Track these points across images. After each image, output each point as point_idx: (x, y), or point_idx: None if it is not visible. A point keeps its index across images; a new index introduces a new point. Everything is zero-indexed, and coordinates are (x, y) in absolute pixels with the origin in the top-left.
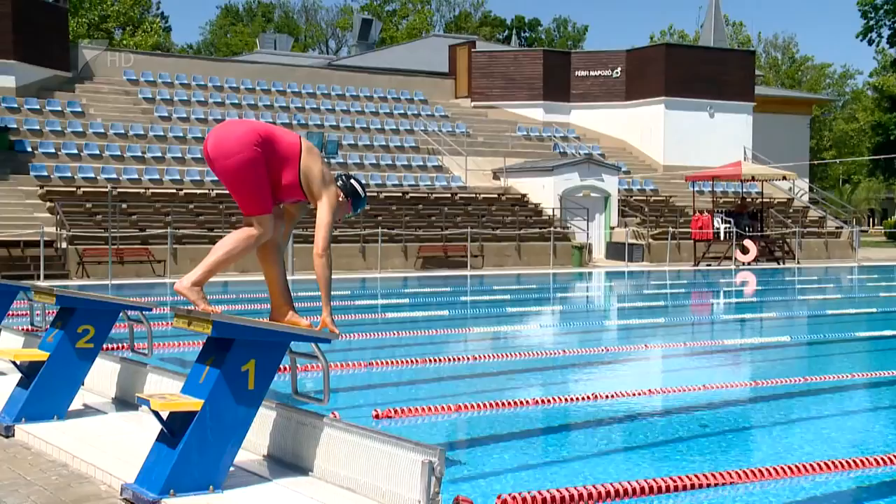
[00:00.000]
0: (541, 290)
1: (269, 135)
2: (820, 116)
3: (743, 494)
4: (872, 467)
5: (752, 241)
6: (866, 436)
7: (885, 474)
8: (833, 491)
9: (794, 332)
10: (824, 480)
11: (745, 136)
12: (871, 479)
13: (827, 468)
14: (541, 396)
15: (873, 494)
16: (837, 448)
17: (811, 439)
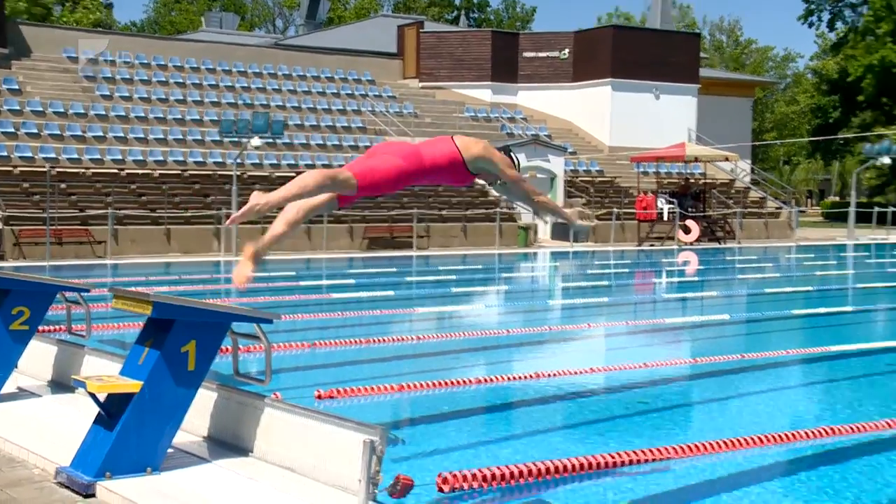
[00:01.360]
0: (486, 271)
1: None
2: (762, 99)
3: (683, 469)
4: (806, 440)
5: (694, 221)
6: (800, 410)
7: (817, 447)
8: (769, 464)
9: (734, 311)
10: (761, 454)
11: (690, 117)
12: (804, 452)
13: (763, 442)
14: (484, 376)
15: (806, 466)
16: (773, 422)
17: (749, 414)
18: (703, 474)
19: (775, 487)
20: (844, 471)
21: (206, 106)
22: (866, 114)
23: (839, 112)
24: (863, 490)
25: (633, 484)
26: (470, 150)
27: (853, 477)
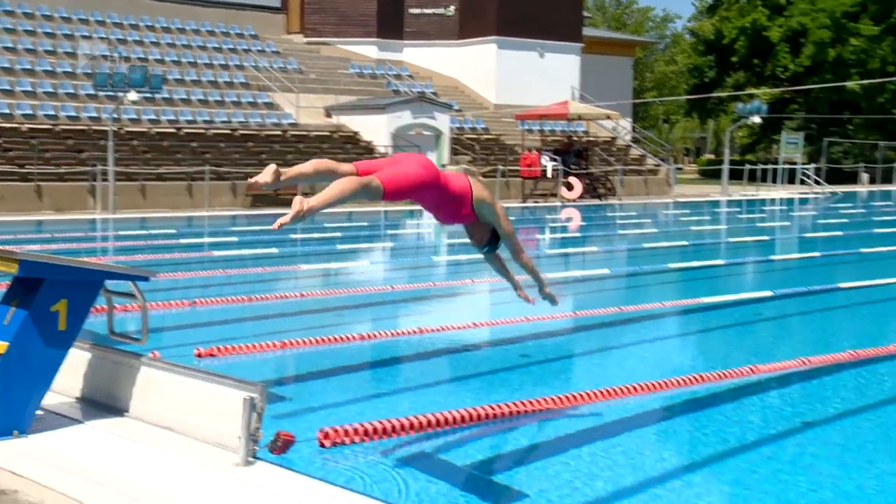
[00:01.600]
0: (372, 228)
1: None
2: (643, 58)
3: (564, 419)
4: (679, 387)
5: (577, 178)
6: (675, 359)
7: (691, 393)
8: (646, 411)
9: (614, 265)
10: (638, 402)
11: (573, 76)
12: (678, 398)
13: (639, 390)
14: (368, 332)
15: (680, 412)
16: (651, 371)
17: (627, 364)
18: (583, 423)
19: (651, 433)
20: (715, 414)
21: (79, 58)
22: (739, 74)
23: (714, 72)
24: (730, 432)
25: (514, 434)
26: (480, 190)
27: (722, 420)
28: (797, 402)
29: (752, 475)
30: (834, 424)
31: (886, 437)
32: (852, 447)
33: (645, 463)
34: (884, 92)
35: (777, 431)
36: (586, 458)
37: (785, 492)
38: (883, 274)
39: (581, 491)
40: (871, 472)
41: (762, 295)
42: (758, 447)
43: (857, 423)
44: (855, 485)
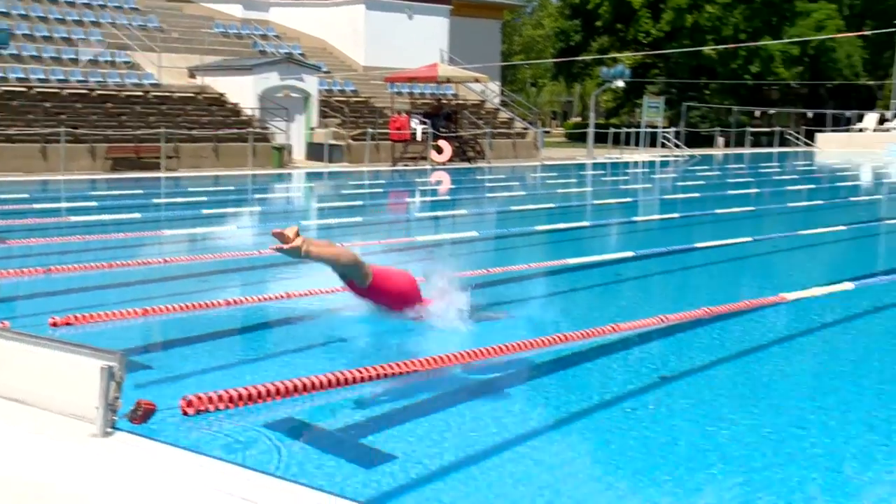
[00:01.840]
0: (239, 192)
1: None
2: (511, 21)
3: (425, 381)
4: (546, 346)
5: (446, 141)
6: (541, 319)
7: (557, 352)
8: (513, 370)
9: (483, 228)
10: (502, 363)
11: (442, 38)
12: (544, 357)
13: (504, 350)
14: (233, 297)
15: (546, 371)
16: (515, 332)
17: (493, 326)
18: (451, 384)
19: (518, 392)
20: (579, 372)
21: None
22: (603, 39)
23: (580, 36)
24: (594, 389)
25: (382, 398)
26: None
27: (586, 377)
28: (656, 358)
29: (616, 430)
30: (690, 379)
31: (737, 389)
32: (706, 400)
33: (512, 422)
34: (736, 58)
35: (638, 387)
36: (455, 419)
37: (645, 444)
38: (736, 233)
39: (450, 451)
40: (722, 423)
41: (624, 255)
42: (620, 402)
43: (711, 377)
44: (708, 437)
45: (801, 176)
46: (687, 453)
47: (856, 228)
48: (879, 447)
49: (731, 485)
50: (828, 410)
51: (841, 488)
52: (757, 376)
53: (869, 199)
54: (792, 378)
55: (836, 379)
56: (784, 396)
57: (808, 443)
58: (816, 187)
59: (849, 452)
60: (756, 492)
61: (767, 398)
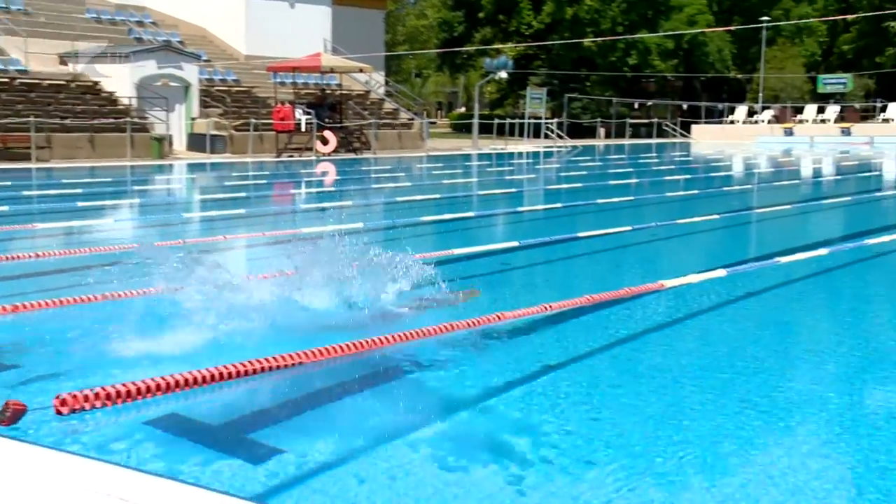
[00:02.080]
0: (117, 184)
1: None
2: (394, 11)
3: (318, 372)
4: (432, 335)
5: (331, 132)
6: (430, 308)
7: (441, 341)
8: (400, 362)
9: (370, 219)
10: (390, 353)
11: (325, 28)
12: (429, 347)
13: (393, 340)
14: (111, 292)
15: (429, 361)
16: (403, 322)
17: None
18: (336, 377)
19: (404, 384)
20: (463, 361)
21: None
22: (486, 30)
23: (463, 27)
24: (479, 377)
25: (268, 391)
26: None
27: (471, 366)
28: (541, 346)
29: (500, 420)
30: (574, 366)
31: (620, 374)
32: (590, 385)
33: (397, 416)
34: (615, 50)
35: (524, 374)
36: (340, 412)
37: (534, 431)
38: (617, 223)
39: (341, 445)
40: (605, 407)
41: (510, 245)
42: (504, 392)
43: (595, 363)
44: (591, 422)
45: (678, 166)
46: (571, 441)
47: (728, 217)
48: (755, 426)
49: (611, 469)
50: (707, 391)
51: (718, 467)
52: (639, 361)
53: (741, 188)
54: (673, 361)
55: (712, 361)
56: (665, 379)
57: (686, 423)
58: (692, 177)
59: (726, 431)
60: (636, 474)
61: (649, 381)
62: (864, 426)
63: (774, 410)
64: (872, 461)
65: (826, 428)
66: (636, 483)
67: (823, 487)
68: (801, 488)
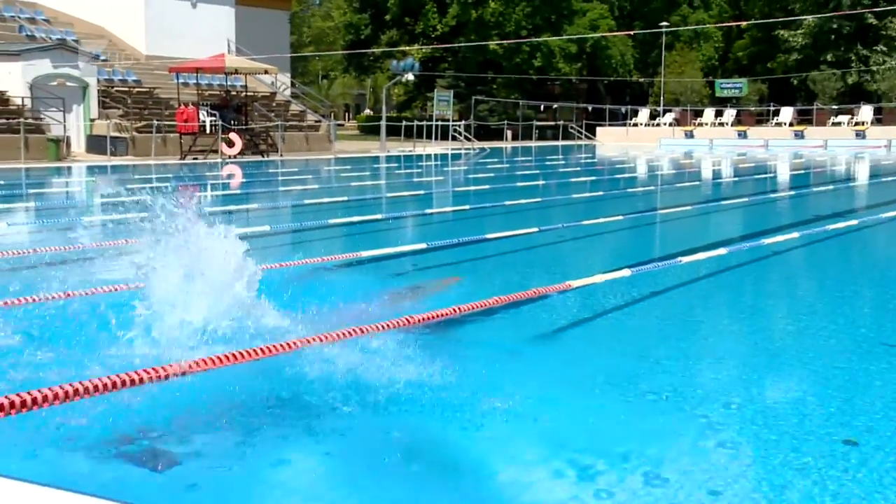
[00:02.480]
0: (10, 187)
1: None
2: (299, 13)
3: (223, 375)
4: (340, 339)
5: (237, 134)
6: (339, 312)
7: (350, 344)
8: (311, 366)
9: (276, 222)
10: (297, 356)
11: (229, 28)
12: (334, 351)
13: (295, 346)
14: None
15: (341, 366)
16: (308, 327)
17: (290, 319)
18: (258, 379)
19: (317, 386)
20: (371, 365)
21: None
22: (393, 32)
23: (370, 29)
24: (385, 378)
25: (164, 398)
26: None
27: (383, 368)
28: (449, 349)
29: (404, 429)
30: (482, 367)
31: (530, 373)
32: (499, 386)
33: (290, 419)
34: (520, 53)
35: (429, 380)
36: (231, 420)
37: (444, 434)
38: (524, 224)
39: (222, 455)
40: (515, 403)
41: (418, 247)
42: (407, 397)
43: (503, 362)
44: (496, 419)
45: (583, 168)
46: (484, 442)
47: (633, 218)
48: (664, 414)
49: (522, 465)
50: (616, 386)
51: (629, 460)
52: (548, 360)
53: (645, 189)
54: (582, 358)
55: (620, 357)
56: (575, 376)
57: (598, 417)
58: (598, 179)
59: (642, 427)
60: (542, 475)
61: (560, 379)
62: (764, 418)
63: (681, 404)
64: (773, 454)
65: (728, 420)
66: (532, 481)
67: (724, 479)
68: (699, 480)
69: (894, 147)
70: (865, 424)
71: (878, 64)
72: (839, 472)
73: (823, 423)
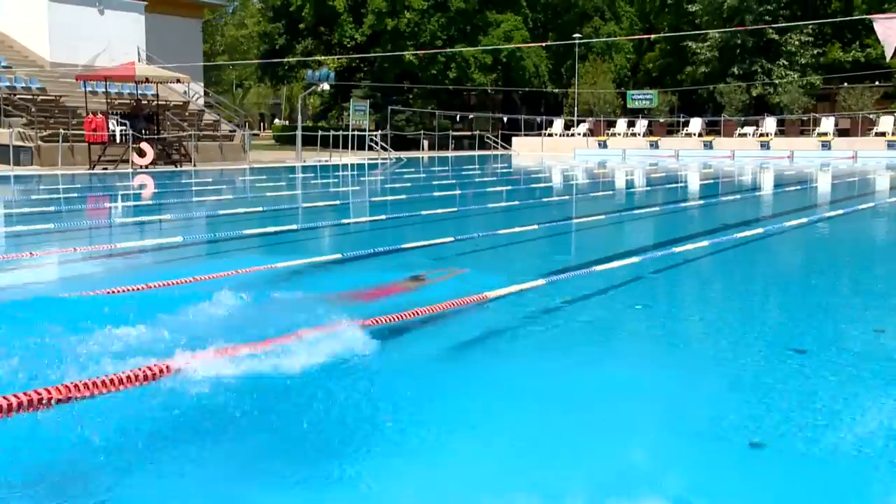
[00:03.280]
0: None
1: None
2: (212, 21)
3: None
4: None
5: (148, 143)
6: (253, 324)
7: (252, 357)
8: (199, 382)
9: (189, 233)
10: (190, 375)
11: (138, 36)
12: (237, 364)
13: (181, 364)
14: None
15: (222, 384)
16: (213, 337)
17: (198, 333)
18: (187, 389)
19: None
20: (272, 378)
21: None
22: (308, 42)
23: (284, 39)
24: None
25: (91, 414)
26: None
27: (276, 381)
28: (362, 359)
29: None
30: (396, 378)
31: (445, 384)
32: (414, 400)
33: (179, 434)
34: (436, 63)
35: (350, 389)
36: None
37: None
38: (440, 234)
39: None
40: (438, 414)
41: (332, 258)
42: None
43: (420, 375)
44: (417, 436)
45: (499, 178)
46: (409, 459)
47: (549, 227)
48: (585, 423)
49: (439, 471)
50: (533, 394)
51: (547, 467)
52: (463, 369)
53: (559, 199)
54: (498, 369)
55: (540, 364)
56: (493, 387)
57: (522, 420)
58: (513, 188)
59: (561, 434)
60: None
61: (479, 391)
62: (673, 421)
63: (593, 407)
64: (685, 455)
65: (639, 422)
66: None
67: (627, 483)
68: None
69: (797, 158)
70: (773, 428)
71: (781, 77)
72: (746, 476)
73: (732, 425)
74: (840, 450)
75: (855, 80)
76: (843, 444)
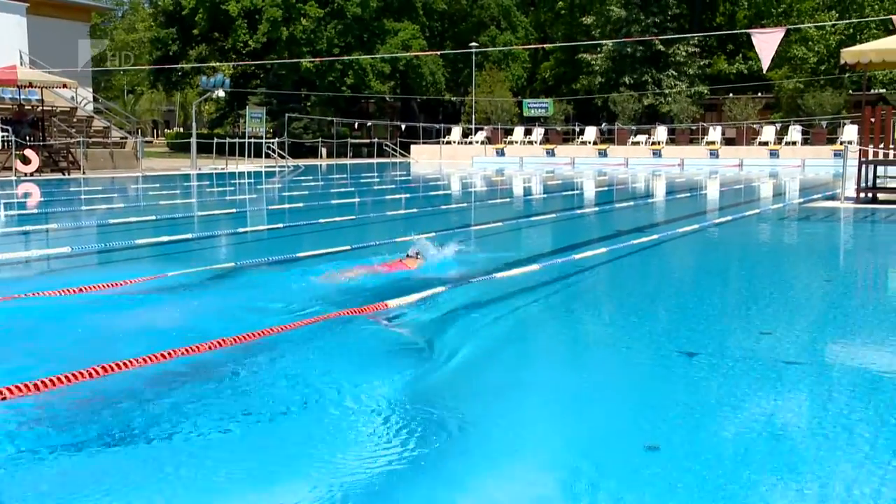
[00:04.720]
0: None
1: None
2: (100, 25)
3: (91, 388)
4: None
5: (33, 150)
6: (148, 336)
7: (136, 374)
8: (101, 395)
9: (77, 242)
10: (79, 389)
11: (20, 39)
12: (134, 377)
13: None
14: None
15: (140, 388)
16: (114, 352)
17: (89, 345)
18: (116, 396)
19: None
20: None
21: None
22: (202, 47)
23: (178, 45)
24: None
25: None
26: None
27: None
28: (260, 372)
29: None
30: (298, 387)
31: (340, 393)
32: (322, 407)
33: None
34: (333, 71)
35: (277, 397)
36: None
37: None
38: (338, 242)
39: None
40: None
41: (226, 266)
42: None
43: (320, 385)
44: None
45: (398, 185)
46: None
47: (448, 235)
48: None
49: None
50: (431, 405)
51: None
52: (358, 378)
53: (458, 206)
54: (392, 379)
55: (434, 374)
56: (378, 399)
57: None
58: (412, 196)
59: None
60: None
61: (365, 401)
62: (567, 423)
63: (479, 420)
64: (580, 460)
65: (527, 428)
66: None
67: (521, 487)
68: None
69: (687, 165)
70: (665, 430)
71: (670, 87)
72: (641, 478)
73: (625, 429)
74: (725, 450)
75: (739, 90)
76: (727, 445)
